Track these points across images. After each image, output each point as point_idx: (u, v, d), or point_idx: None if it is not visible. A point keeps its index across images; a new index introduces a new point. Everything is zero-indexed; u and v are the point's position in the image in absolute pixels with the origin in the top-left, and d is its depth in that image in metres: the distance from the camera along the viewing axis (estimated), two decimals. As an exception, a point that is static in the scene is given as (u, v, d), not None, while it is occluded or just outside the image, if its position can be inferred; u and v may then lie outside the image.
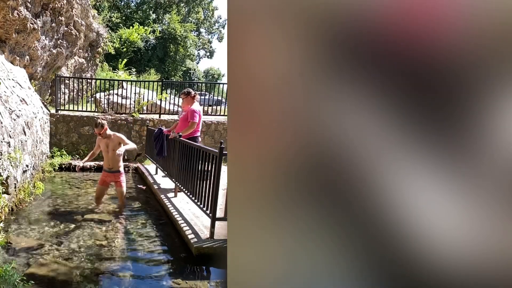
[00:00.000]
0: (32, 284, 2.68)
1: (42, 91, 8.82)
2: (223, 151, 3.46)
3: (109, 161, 4.73)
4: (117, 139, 4.66)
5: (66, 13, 8.11)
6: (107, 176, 4.82)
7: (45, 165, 6.85)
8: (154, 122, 8.61)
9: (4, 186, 4.17)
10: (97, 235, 3.93)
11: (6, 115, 4.68)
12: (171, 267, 3.35)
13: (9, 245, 3.48)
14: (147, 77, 15.00)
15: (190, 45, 27.47)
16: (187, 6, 30.78)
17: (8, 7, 5.59)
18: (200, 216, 4.15)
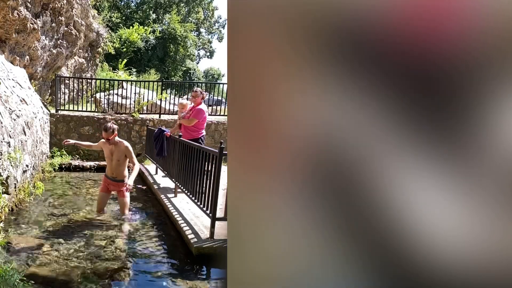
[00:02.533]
0: (32, 284, 2.68)
1: (42, 91, 8.82)
2: (223, 151, 3.46)
3: (113, 170, 4.37)
4: (124, 149, 4.24)
5: (66, 13, 8.11)
6: (109, 184, 4.45)
7: (45, 165, 6.85)
8: (154, 122, 8.61)
9: (4, 186, 4.17)
10: (97, 235, 3.93)
11: (6, 115, 4.68)
12: (171, 267, 3.35)
13: (9, 245, 3.48)
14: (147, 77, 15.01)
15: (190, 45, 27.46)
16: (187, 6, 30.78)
17: (8, 7, 5.59)
18: (200, 216, 4.15)
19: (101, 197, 4.50)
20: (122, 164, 4.33)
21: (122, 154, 4.24)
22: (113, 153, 4.27)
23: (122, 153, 4.24)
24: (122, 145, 4.25)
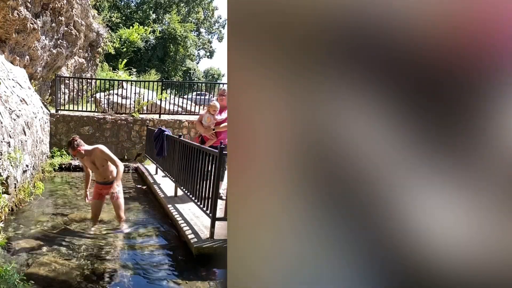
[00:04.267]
0: (32, 284, 2.68)
1: (42, 91, 8.82)
2: (223, 151, 3.46)
3: (102, 175, 4.20)
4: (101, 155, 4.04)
5: (66, 13, 8.11)
6: (102, 189, 4.26)
7: (45, 165, 6.86)
8: (154, 122, 8.61)
9: (4, 186, 4.17)
10: (97, 235, 3.93)
11: (6, 115, 4.68)
12: (171, 267, 3.35)
13: (9, 245, 3.48)
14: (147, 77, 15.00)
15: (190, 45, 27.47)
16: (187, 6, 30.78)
17: (8, 7, 5.59)
18: (200, 216, 4.15)
19: (95, 205, 4.32)
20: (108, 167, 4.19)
21: (101, 159, 4.10)
22: (94, 162, 4.13)
23: (101, 157, 4.08)
24: (97, 151, 4.07)
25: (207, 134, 4.81)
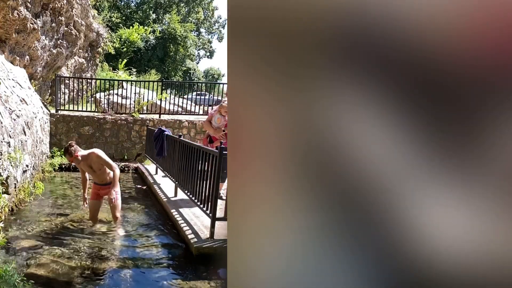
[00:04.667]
0: (32, 284, 2.68)
1: (42, 91, 8.82)
2: (223, 151, 3.46)
3: (100, 177, 4.21)
4: (97, 159, 4.05)
5: (66, 13, 8.11)
6: (100, 189, 4.28)
7: (45, 165, 6.85)
8: (154, 122, 8.61)
9: (4, 186, 4.17)
10: (97, 235, 3.93)
11: (6, 115, 4.68)
12: (171, 267, 3.35)
13: (9, 245, 3.48)
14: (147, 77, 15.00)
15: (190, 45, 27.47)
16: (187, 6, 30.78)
17: (8, 7, 5.59)
18: (200, 216, 4.15)
19: (93, 205, 4.31)
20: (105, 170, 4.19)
21: (98, 163, 4.10)
22: (91, 165, 4.14)
23: (98, 162, 4.09)
24: (93, 155, 4.07)
25: (216, 135, 4.71)
